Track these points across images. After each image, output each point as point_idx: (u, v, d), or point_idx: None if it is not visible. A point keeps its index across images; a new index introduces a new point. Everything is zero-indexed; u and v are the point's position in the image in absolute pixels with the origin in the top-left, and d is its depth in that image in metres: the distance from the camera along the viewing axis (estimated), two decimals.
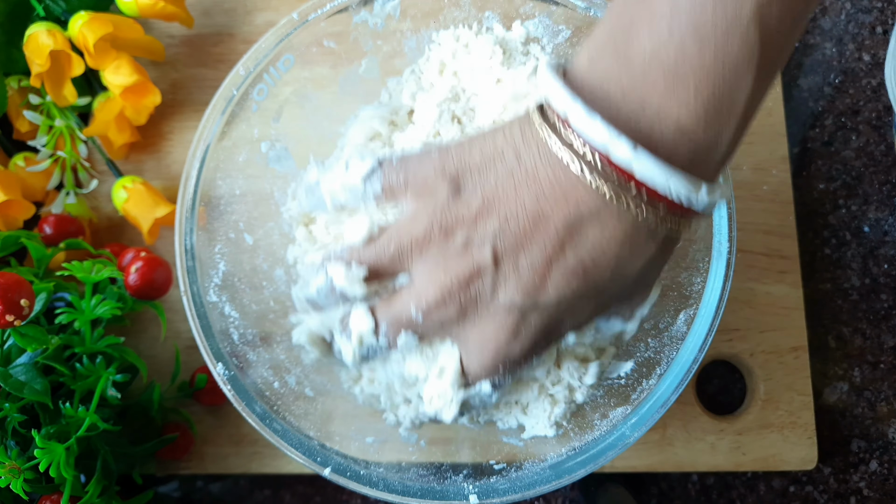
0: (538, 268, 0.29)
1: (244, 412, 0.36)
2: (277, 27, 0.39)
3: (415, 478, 0.37)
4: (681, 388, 0.36)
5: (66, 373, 0.39)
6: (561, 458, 0.37)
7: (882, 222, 0.52)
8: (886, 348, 0.50)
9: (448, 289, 0.31)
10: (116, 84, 0.47)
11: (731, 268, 0.37)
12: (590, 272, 0.30)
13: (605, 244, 0.29)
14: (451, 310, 0.31)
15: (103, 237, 0.50)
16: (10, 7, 0.49)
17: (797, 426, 0.47)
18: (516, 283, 0.30)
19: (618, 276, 0.30)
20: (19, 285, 0.37)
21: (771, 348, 0.48)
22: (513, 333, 0.31)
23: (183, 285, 0.37)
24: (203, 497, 0.49)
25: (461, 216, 0.30)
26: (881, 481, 0.49)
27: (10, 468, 0.37)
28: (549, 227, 0.29)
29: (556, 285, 0.30)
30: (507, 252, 0.30)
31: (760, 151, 0.50)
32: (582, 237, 0.29)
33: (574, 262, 0.29)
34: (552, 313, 0.31)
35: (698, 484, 0.49)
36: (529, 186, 0.29)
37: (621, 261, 0.29)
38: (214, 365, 0.36)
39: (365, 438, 0.40)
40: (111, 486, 0.41)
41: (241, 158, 0.41)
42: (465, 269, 0.30)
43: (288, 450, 0.36)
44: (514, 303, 0.30)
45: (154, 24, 0.52)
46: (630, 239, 0.29)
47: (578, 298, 0.31)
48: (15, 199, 0.46)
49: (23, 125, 0.49)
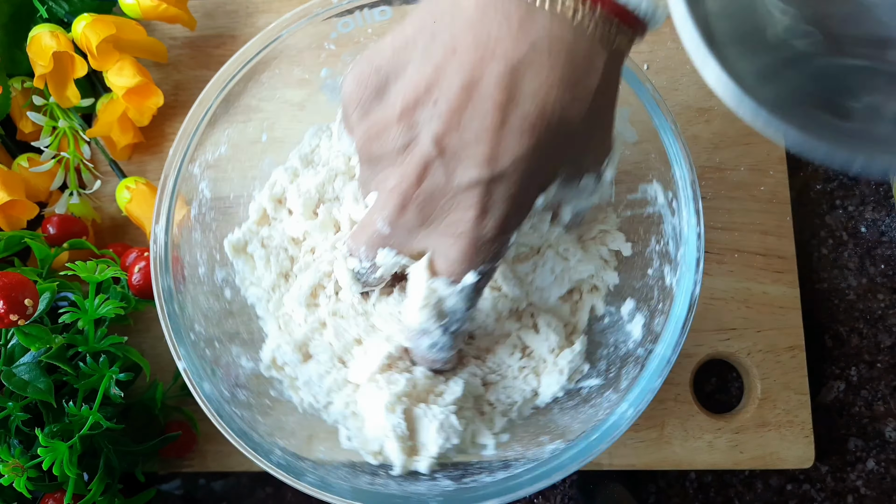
0: (486, 137, 0.28)
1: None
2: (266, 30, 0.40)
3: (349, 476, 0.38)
4: (664, 373, 0.37)
5: (70, 372, 0.39)
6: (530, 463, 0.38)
7: (879, 223, 0.52)
8: (883, 347, 0.50)
9: (402, 192, 0.30)
10: (119, 85, 0.47)
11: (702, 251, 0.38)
12: (537, 125, 0.28)
13: (545, 92, 0.27)
14: (412, 213, 0.30)
15: (106, 237, 0.50)
16: (13, 9, 0.49)
17: (794, 425, 0.47)
18: (468, 161, 0.28)
19: (567, 121, 0.28)
20: (23, 285, 0.38)
21: (768, 347, 0.48)
22: (482, 212, 0.30)
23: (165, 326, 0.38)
24: (205, 495, 0.49)
25: (386, 117, 0.29)
26: (878, 480, 0.49)
27: (13, 466, 0.37)
28: (483, 91, 0.27)
29: (509, 148, 0.28)
30: (446, 134, 0.28)
31: (757, 152, 0.50)
32: (520, 92, 0.27)
33: (519, 121, 0.27)
34: (514, 179, 0.29)
35: (696, 482, 0.49)
36: (450, 60, 0.27)
37: (565, 102, 0.28)
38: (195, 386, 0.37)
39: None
40: (114, 484, 0.41)
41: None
42: (412, 167, 0.29)
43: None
44: (472, 180, 0.29)
45: (157, 25, 0.53)
46: (569, 78, 0.27)
47: (535, 157, 0.29)
48: (18, 199, 0.46)
49: (26, 126, 0.50)
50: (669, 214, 0.39)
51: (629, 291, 0.42)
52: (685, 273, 0.37)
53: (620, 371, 0.39)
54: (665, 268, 0.39)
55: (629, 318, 0.41)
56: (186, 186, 0.40)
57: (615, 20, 0.27)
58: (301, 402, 0.40)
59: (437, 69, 0.27)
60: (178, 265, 0.39)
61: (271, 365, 0.40)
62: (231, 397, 0.38)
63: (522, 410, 0.41)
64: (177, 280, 0.38)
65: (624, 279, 0.43)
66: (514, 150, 0.28)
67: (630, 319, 0.41)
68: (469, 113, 0.27)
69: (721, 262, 0.49)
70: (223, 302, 0.42)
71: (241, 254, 0.42)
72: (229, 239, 0.42)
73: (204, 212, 0.41)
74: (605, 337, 0.42)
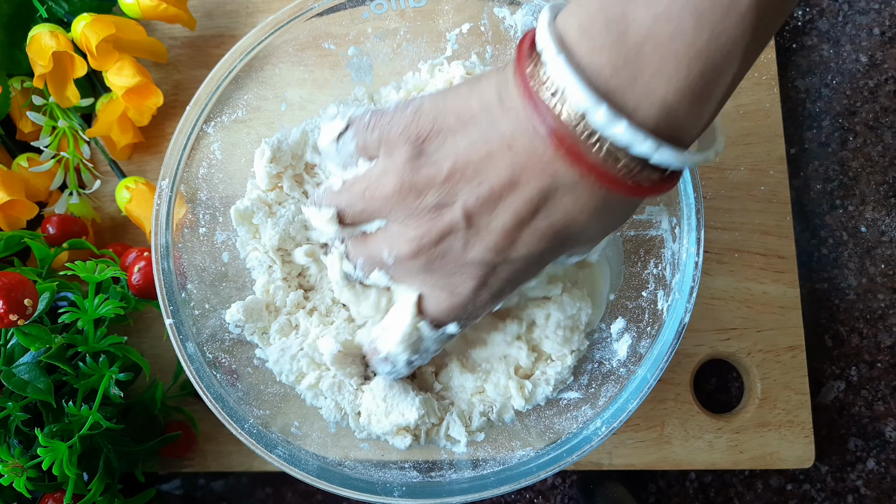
0: (509, 229, 0.31)
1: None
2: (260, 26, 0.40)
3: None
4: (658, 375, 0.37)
5: (70, 372, 0.39)
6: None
7: (879, 222, 0.52)
8: (883, 347, 0.50)
9: (419, 244, 0.32)
10: (119, 85, 0.47)
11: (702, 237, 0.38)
12: (559, 234, 0.31)
13: (577, 213, 0.30)
14: (421, 261, 0.33)
15: (106, 237, 0.50)
16: (13, 8, 0.49)
17: (794, 425, 0.47)
18: (487, 243, 0.31)
19: (584, 237, 0.32)
20: (23, 285, 0.38)
21: (768, 347, 0.48)
22: (481, 285, 0.33)
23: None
24: (205, 495, 0.49)
25: (431, 176, 0.31)
26: (878, 480, 0.49)
27: (13, 466, 0.37)
28: (523, 193, 0.29)
29: (526, 244, 0.31)
30: (478, 213, 0.31)
31: (758, 152, 0.50)
32: (555, 204, 0.30)
33: (545, 226, 0.30)
34: (519, 266, 0.32)
35: (696, 482, 0.49)
36: (504, 154, 0.29)
37: (590, 226, 0.31)
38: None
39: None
40: (114, 484, 0.41)
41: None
42: (437, 228, 0.32)
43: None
44: (483, 259, 0.32)
45: (156, 25, 0.53)
46: (601, 209, 0.30)
47: (542, 255, 0.32)
48: (18, 199, 0.46)
49: (26, 126, 0.50)
50: (671, 240, 0.39)
51: (621, 310, 0.42)
52: (678, 300, 0.37)
53: (600, 388, 0.39)
54: (659, 292, 0.39)
55: (617, 337, 0.41)
56: (198, 145, 0.40)
57: (658, 183, 0.29)
58: (280, 374, 0.41)
59: (490, 155, 0.29)
60: (180, 223, 0.40)
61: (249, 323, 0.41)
62: (213, 360, 0.38)
63: (502, 413, 0.41)
64: (175, 238, 0.39)
65: (618, 297, 0.43)
66: (527, 248, 0.31)
67: (618, 338, 0.41)
68: (504, 204, 0.30)
69: (721, 262, 0.49)
70: (219, 264, 0.42)
71: (246, 222, 0.42)
72: (236, 207, 0.42)
73: (212, 172, 0.42)
74: (592, 352, 0.42)
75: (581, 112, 0.26)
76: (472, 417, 0.41)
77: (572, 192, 0.29)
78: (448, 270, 0.33)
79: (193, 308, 0.39)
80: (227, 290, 0.42)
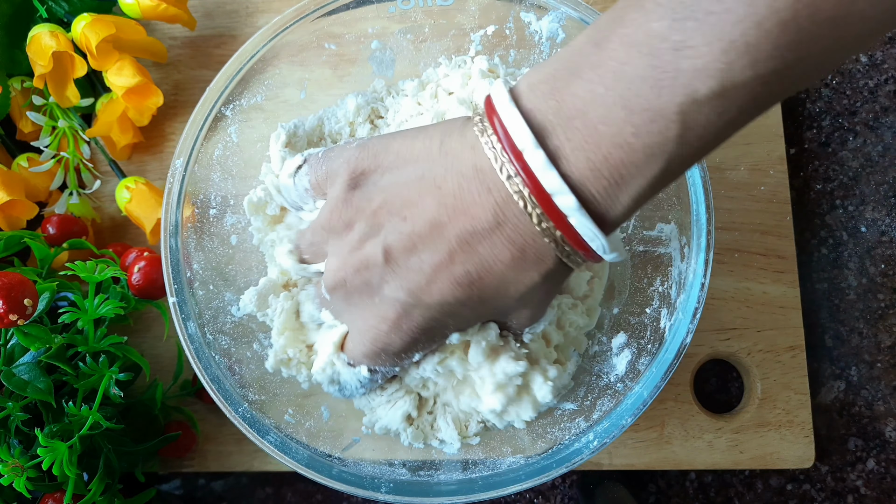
0: (426, 271, 0.31)
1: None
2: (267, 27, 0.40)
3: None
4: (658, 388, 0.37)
5: (70, 372, 0.39)
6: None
7: (879, 222, 0.52)
8: (883, 347, 0.50)
9: (341, 275, 0.33)
10: (119, 85, 0.47)
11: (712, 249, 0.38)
12: (475, 284, 0.31)
13: (493, 262, 0.30)
14: (342, 293, 0.34)
15: (106, 237, 0.50)
16: (12, 8, 0.49)
17: (794, 425, 0.47)
18: (402, 281, 0.31)
19: (501, 293, 0.31)
20: (23, 285, 0.37)
21: (768, 347, 0.48)
22: (394, 325, 0.33)
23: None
24: (205, 495, 0.49)
25: (362, 208, 0.32)
26: (878, 480, 0.49)
27: (13, 466, 0.37)
28: (445, 235, 0.30)
29: (441, 289, 0.31)
30: (398, 250, 0.31)
31: (758, 152, 0.50)
32: (473, 251, 0.30)
33: (461, 272, 0.30)
34: (434, 314, 0.32)
35: (696, 482, 0.49)
36: (434, 194, 0.30)
37: (506, 280, 0.31)
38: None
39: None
40: (114, 485, 0.41)
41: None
42: (357, 259, 0.32)
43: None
44: (398, 298, 0.32)
45: (156, 25, 0.53)
46: (517, 262, 0.30)
47: (461, 305, 0.32)
48: (18, 199, 0.46)
49: (26, 126, 0.50)
50: (679, 259, 0.39)
51: (624, 325, 0.42)
52: (681, 320, 0.37)
53: (596, 401, 0.39)
54: (663, 310, 0.39)
55: (617, 352, 0.41)
56: (215, 127, 0.41)
57: (572, 246, 0.29)
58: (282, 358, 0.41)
59: (420, 195, 0.30)
60: (191, 202, 0.40)
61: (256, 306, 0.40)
62: (213, 342, 0.38)
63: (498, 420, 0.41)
64: (185, 217, 0.39)
65: (621, 311, 0.43)
66: (442, 293, 0.31)
67: (618, 353, 0.41)
68: (425, 244, 0.30)
69: (721, 262, 0.49)
70: (227, 247, 0.42)
71: (260, 212, 0.42)
72: (249, 198, 0.41)
73: (227, 155, 0.42)
74: (591, 364, 0.42)
75: (515, 148, 0.27)
76: (470, 422, 0.41)
77: (490, 238, 0.29)
78: (365, 305, 0.33)
79: (197, 288, 0.39)
80: (232, 272, 0.42)
